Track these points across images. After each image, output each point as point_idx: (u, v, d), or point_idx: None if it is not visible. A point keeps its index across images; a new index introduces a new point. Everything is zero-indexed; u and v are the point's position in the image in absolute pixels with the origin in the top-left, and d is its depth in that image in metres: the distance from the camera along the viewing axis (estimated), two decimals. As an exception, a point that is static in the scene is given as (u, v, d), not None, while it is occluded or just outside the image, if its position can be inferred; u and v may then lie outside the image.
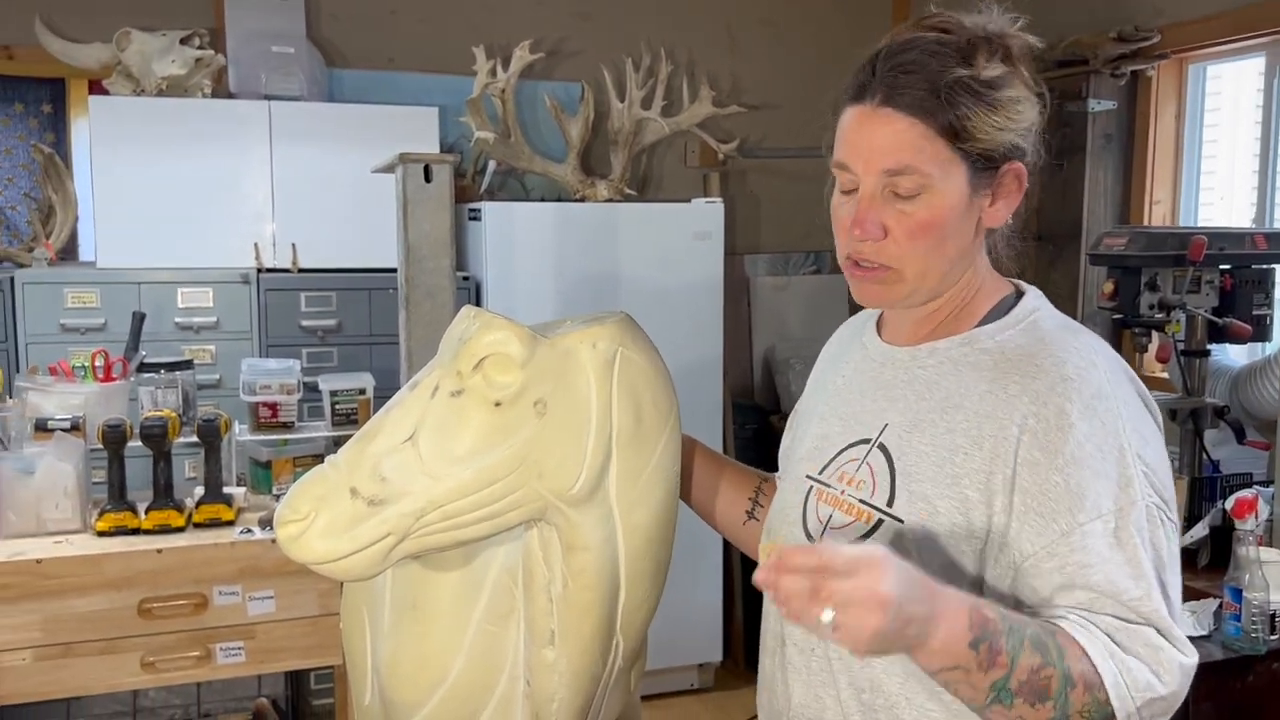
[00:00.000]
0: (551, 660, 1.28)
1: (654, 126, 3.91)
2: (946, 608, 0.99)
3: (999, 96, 1.11)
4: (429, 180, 2.32)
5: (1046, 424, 1.07)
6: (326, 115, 3.58)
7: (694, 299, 3.78)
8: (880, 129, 1.11)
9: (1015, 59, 1.13)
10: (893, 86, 1.10)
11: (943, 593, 1.00)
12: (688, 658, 3.90)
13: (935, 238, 1.12)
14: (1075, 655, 1.01)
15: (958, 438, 1.11)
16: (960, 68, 1.10)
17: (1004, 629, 1.00)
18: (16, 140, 3.67)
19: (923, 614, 0.96)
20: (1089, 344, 1.14)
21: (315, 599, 2.31)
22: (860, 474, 1.17)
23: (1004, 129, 1.11)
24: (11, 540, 2.22)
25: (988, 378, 1.12)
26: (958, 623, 0.98)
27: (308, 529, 1.13)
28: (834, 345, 1.41)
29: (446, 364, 1.20)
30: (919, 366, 1.19)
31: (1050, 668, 1.00)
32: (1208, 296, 2.72)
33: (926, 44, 1.12)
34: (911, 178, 1.10)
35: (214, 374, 3.34)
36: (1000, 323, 1.17)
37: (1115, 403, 1.08)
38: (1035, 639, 1.01)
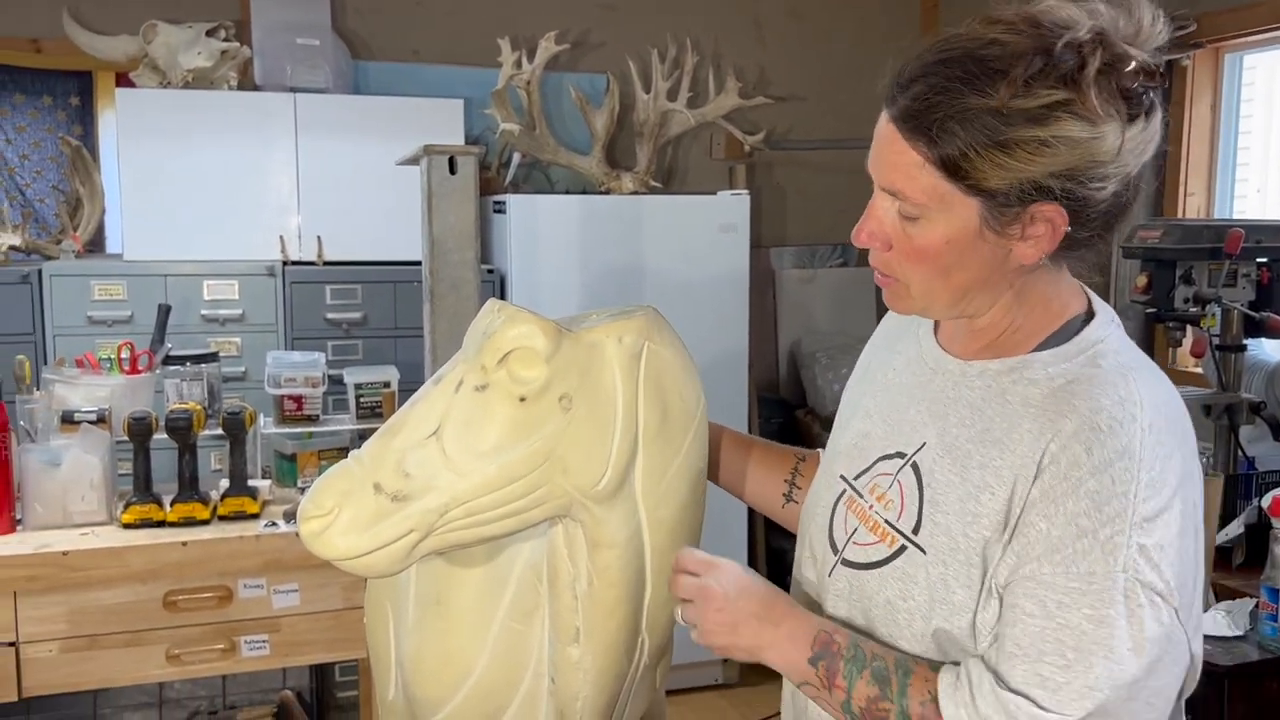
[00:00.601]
0: (576, 658, 1.27)
1: (679, 118, 3.89)
2: (791, 622, 1.09)
3: (1018, 135, 0.97)
4: (454, 172, 2.31)
5: (1058, 469, 1.00)
6: (352, 107, 3.58)
7: (719, 292, 3.76)
8: (886, 145, 1.05)
9: (1084, 80, 0.97)
10: (905, 106, 1.03)
11: (792, 609, 1.11)
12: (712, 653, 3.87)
13: (934, 266, 1.06)
14: (920, 698, 1.02)
15: (988, 475, 1.05)
16: (979, 95, 0.97)
17: (847, 655, 1.06)
18: (45, 133, 3.69)
19: (758, 618, 1.09)
20: (1140, 392, 1.02)
21: (339, 592, 2.30)
22: (891, 492, 1.13)
23: (1017, 172, 0.98)
24: (38, 532, 2.23)
25: (1033, 414, 1.04)
26: (799, 636, 1.08)
27: (331, 525, 1.12)
28: (891, 326, 1.33)
29: (471, 358, 1.18)
30: (967, 386, 1.12)
31: (888, 702, 1.04)
32: (1244, 290, 2.68)
33: (965, 52, 1.00)
34: (908, 204, 1.04)
35: (239, 366, 3.35)
36: (1059, 350, 1.08)
37: (1141, 468, 0.98)
38: (878, 672, 1.05)
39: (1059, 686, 0.96)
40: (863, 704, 1.05)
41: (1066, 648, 0.96)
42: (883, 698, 1.04)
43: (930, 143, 1.00)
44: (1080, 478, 0.98)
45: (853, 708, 1.06)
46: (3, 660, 2.13)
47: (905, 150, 1.02)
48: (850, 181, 4.62)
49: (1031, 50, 0.97)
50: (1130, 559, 0.96)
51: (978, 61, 0.99)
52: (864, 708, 1.05)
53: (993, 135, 0.98)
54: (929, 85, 1.00)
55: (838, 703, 1.07)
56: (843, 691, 1.06)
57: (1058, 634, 0.97)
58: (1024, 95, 0.97)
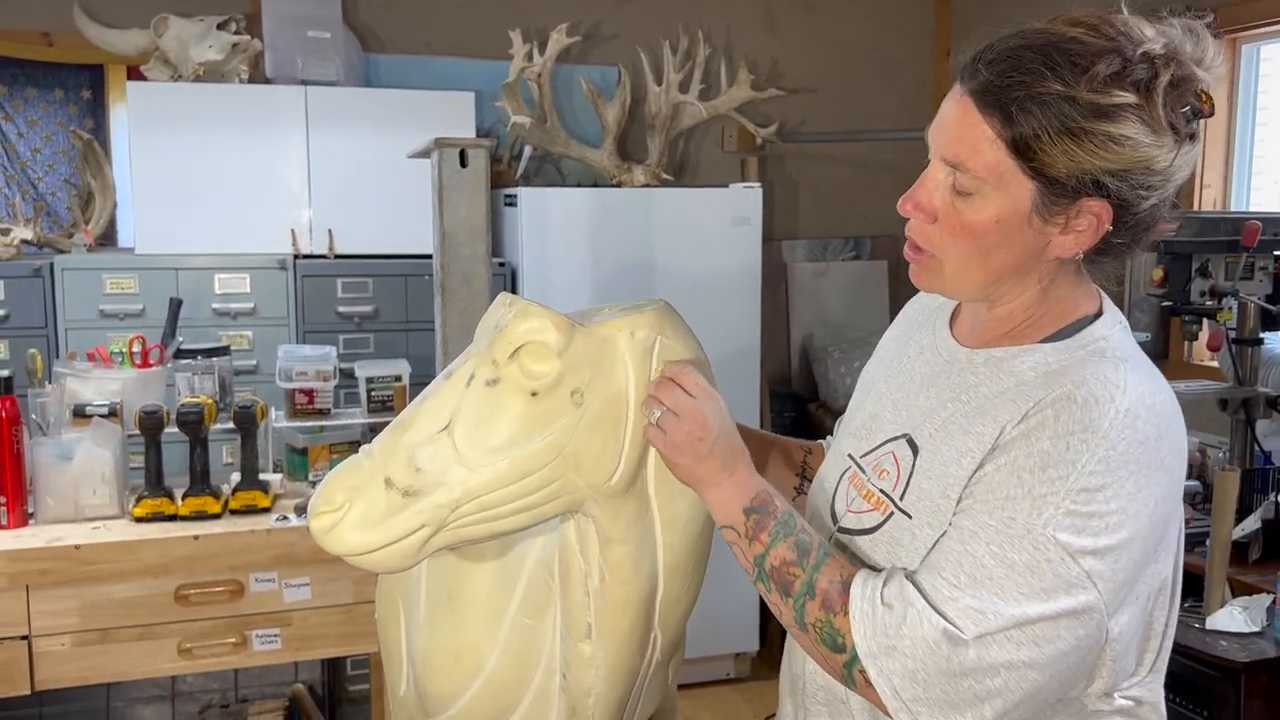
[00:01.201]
0: (589, 654, 1.26)
1: (691, 110, 3.87)
2: (744, 472, 1.16)
3: (1090, 127, 1.01)
4: (464, 165, 2.30)
5: (1025, 428, 1.05)
6: (363, 100, 3.57)
7: (731, 285, 3.74)
8: (955, 115, 1.08)
9: (1156, 90, 1.02)
10: (985, 81, 1.05)
11: (749, 466, 1.17)
12: (724, 647, 3.88)
13: (976, 245, 1.09)
14: (830, 577, 1.08)
15: (970, 441, 1.10)
16: (1060, 82, 1.01)
17: (779, 518, 1.13)
18: (56, 126, 3.70)
19: (721, 461, 1.14)
20: (1127, 379, 1.05)
21: (350, 587, 2.30)
22: (886, 463, 1.19)
23: (1081, 162, 1.02)
24: (50, 526, 2.23)
25: (1023, 392, 1.09)
26: (745, 487, 1.15)
27: (341, 520, 1.11)
28: (912, 314, 1.37)
29: (482, 352, 1.17)
30: (972, 372, 1.16)
31: (798, 569, 1.10)
32: (1261, 283, 2.66)
33: (1052, 42, 1.04)
34: (965, 176, 1.07)
35: (251, 360, 3.35)
36: (1062, 344, 1.12)
37: (1096, 443, 1.01)
38: (800, 542, 1.11)
39: (942, 599, 1.02)
40: (776, 563, 1.11)
41: (962, 572, 1.02)
42: (797, 564, 1.10)
43: (1005, 119, 1.03)
44: (1039, 438, 1.03)
45: (765, 564, 1.12)
46: (15, 654, 2.13)
47: (978, 123, 1.05)
48: (863, 174, 4.61)
49: (1110, 52, 1.02)
50: (1053, 517, 1.00)
51: (1061, 52, 1.03)
52: (775, 567, 1.11)
53: (1066, 122, 1.01)
54: (1011, 65, 1.03)
55: (753, 554, 1.13)
56: (763, 546, 1.12)
57: (959, 558, 1.03)
58: (1100, 92, 1.01)
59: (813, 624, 1.08)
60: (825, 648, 1.08)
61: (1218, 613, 2.38)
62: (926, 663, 1.01)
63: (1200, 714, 2.35)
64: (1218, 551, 2.40)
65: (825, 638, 1.08)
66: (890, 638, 1.03)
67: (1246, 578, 2.52)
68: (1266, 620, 2.36)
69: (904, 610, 1.03)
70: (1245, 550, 2.60)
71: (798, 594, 1.09)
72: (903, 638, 1.02)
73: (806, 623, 1.09)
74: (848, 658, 1.06)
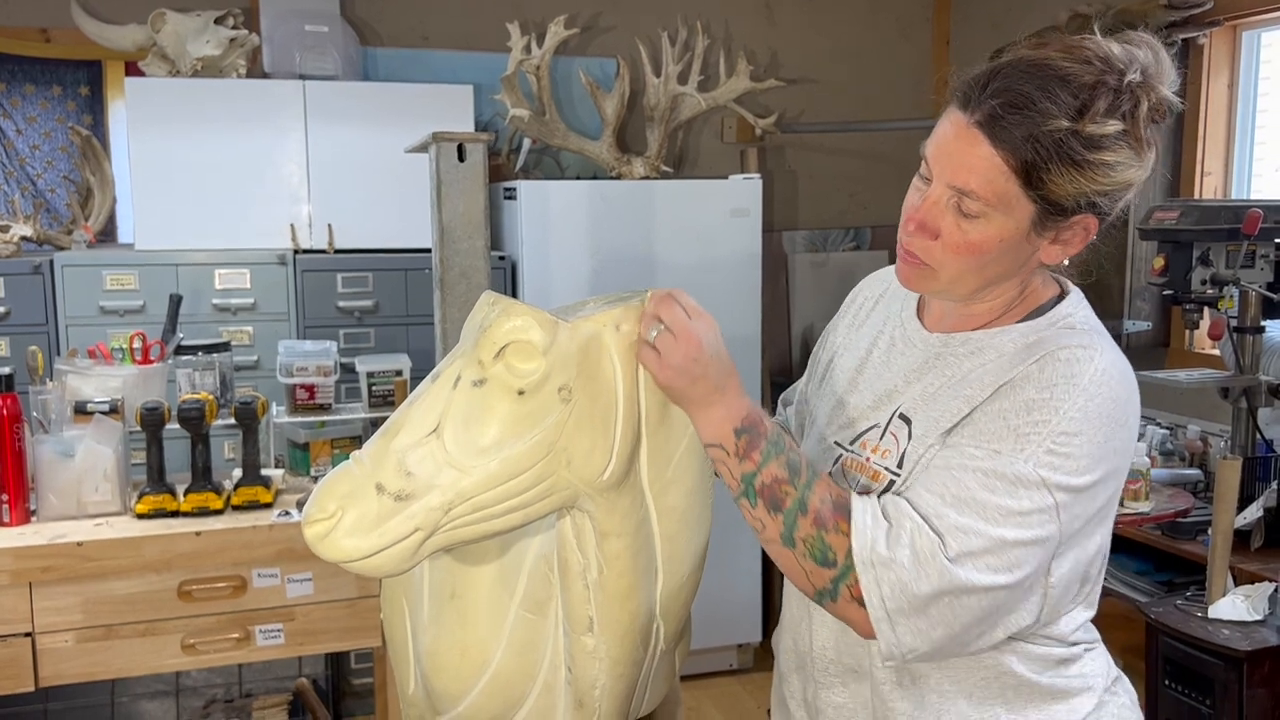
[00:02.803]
0: (592, 647, 1.27)
1: (690, 102, 3.86)
2: (735, 392, 1.18)
3: (1092, 158, 1.12)
4: (463, 159, 2.29)
5: (1013, 382, 1.16)
6: (361, 94, 3.56)
7: (731, 276, 3.74)
8: (966, 147, 1.14)
9: (1139, 117, 1.13)
10: (993, 114, 1.12)
11: (739, 387, 1.19)
12: (727, 638, 3.88)
13: (978, 260, 1.18)
14: (822, 495, 1.14)
15: (959, 403, 1.20)
16: (1067, 119, 1.10)
17: (770, 437, 1.17)
18: (55, 123, 3.69)
19: (714, 382, 1.16)
20: (1102, 345, 1.18)
21: (353, 581, 2.30)
22: (885, 442, 1.25)
23: (1082, 187, 1.13)
24: (52, 523, 2.24)
25: (1005, 362, 1.20)
26: (736, 407, 1.17)
27: (335, 527, 1.11)
28: (868, 302, 1.46)
29: (468, 353, 1.17)
30: (950, 353, 1.26)
31: (790, 487, 1.15)
32: (1262, 271, 2.65)
33: (1049, 75, 1.12)
34: (976, 202, 1.14)
35: (251, 356, 3.35)
36: (1034, 323, 1.23)
37: (1080, 394, 1.13)
38: (791, 461, 1.16)
39: (934, 514, 1.11)
40: (767, 480, 1.15)
41: (948, 493, 1.12)
42: (789, 482, 1.15)
43: (1017, 153, 1.12)
44: (1024, 387, 1.15)
45: (756, 481, 1.16)
46: (19, 650, 2.14)
47: (990, 155, 1.13)
48: (862, 164, 4.60)
49: (1101, 85, 1.11)
50: (1034, 454, 1.11)
51: (1061, 85, 1.11)
52: (767, 484, 1.15)
53: (1072, 154, 1.11)
54: (1019, 97, 1.11)
55: (742, 472, 1.17)
56: (754, 465, 1.16)
57: (946, 482, 1.13)
58: (1098, 124, 1.11)
59: (803, 539, 1.14)
60: (813, 562, 1.14)
61: (1220, 601, 2.39)
62: (918, 574, 1.09)
63: (1203, 703, 2.35)
64: (1220, 540, 2.39)
65: (815, 553, 1.14)
66: (890, 549, 1.10)
67: (1249, 566, 2.52)
68: (1268, 608, 2.36)
69: (902, 522, 1.11)
70: (1247, 539, 2.60)
71: (789, 510, 1.15)
72: (901, 547, 1.09)
73: (795, 537, 1.14)
74: (836, 572, 1.13)
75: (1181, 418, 3.33)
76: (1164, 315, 3.48)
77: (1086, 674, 1.26)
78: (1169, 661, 2.42)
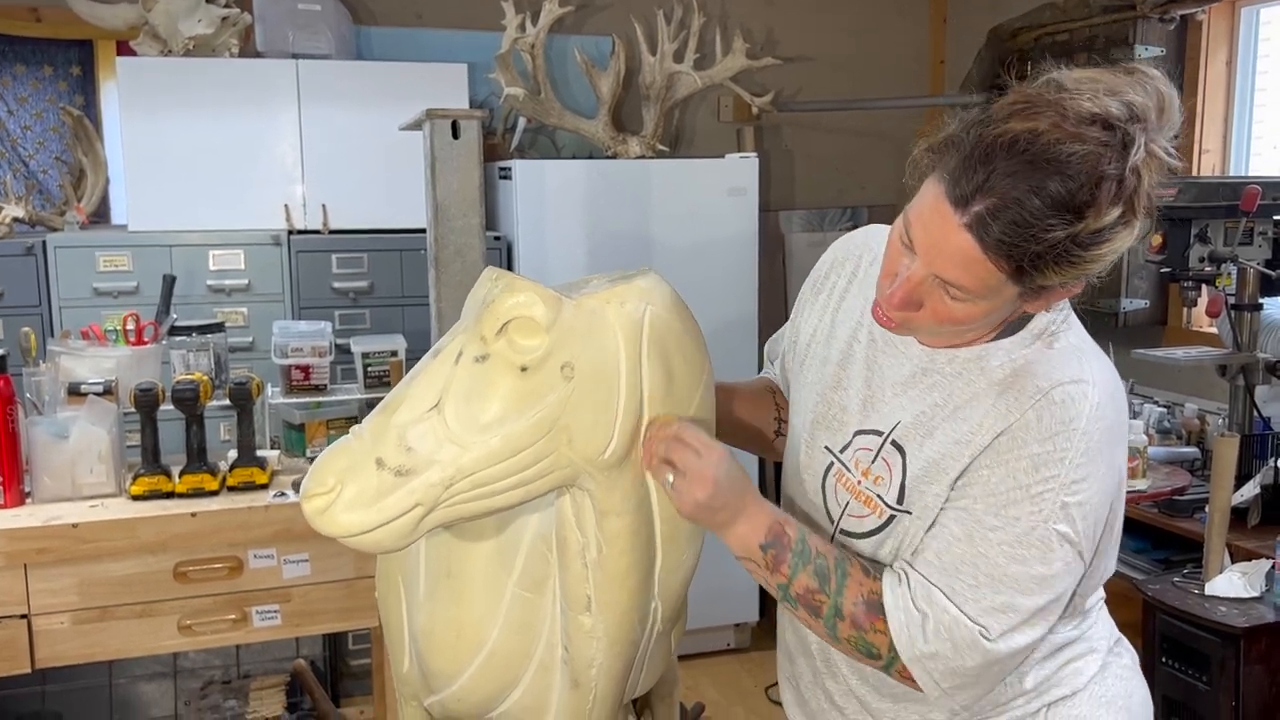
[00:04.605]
0: (589, 626, 1.26)
1: (686, 80, 3.84)
2: (754, 510, 1.22)
3: (1090, 254, 1.06)
4: (457, 137, 2.28)
5: (1012, 431, 1.15)
6: (354, 74, 3.54)
7: (728, 256, 3.73)
8: (955, 246, 1.08)
9: (1139, 197, 1.05)
10: (983, 220, 1.05)
11: (757, 500, 1.23)
12: (724, 618, 3.89)
13: (963, 328, 1.17)
14: (854, 599, 1.19)
15: (962, 448, 1.19)
16: (1064, 226, 1.03)
17: (795, 549, 1.21)
18: (47, 103, 3.67)
19: (733, 508, 1.21)
20: (1092, 372, 1.17)
21: (350, 562, 2.30)
22: (877, 468, 1.26)
23: (1072, 274, 1.08)
24: (47, 504, 2.23)
25: (996, 392, 1.18)
26: (757, 525, 1.22)
27: (334, 502, 1.10)
28: (850, 284, 1.39)
29: (470, 329, 1.16)
30: (938, 372, 1.24)
31: (823, 595, 1.20)
32: (1260, 249, 2.65)
33: (1044, 168, 1.02)
34: (962, 291, 1.11)
35: (246, 336, 3.34)
36: (1016, 339, 1.21)
37: (1080, 438, 1.13)
38: (820, 569, 1.21)
39: (966, 600, 1.14)
40: (800, 591, 1.21)
41: (979, 572, 1.15)
42: (820, 591, 1.20)
43: (1009, 258, 1.06)
44: (1027, 440, 1.14)
45: (790, 590, 1.22)
46: (15, 632, 2.13)
47: (978, 260, 1.07)
48: (859, 143, 4.58)
49: (1101, 175, 1.02)
50: (1052, 512, 1.13)
51: (1060, 180, 1.02)
52: (800, 594, 1.21)
53: (1069, 257, 1.06)
54: (1012, 204, 1.03)
55: (776, 583, 1.22)
56: (785, 577, 1.21)
57: (974, 559, 1.15)
58: (1098, 219, 1.04)
59: (846, 639, 1.21)
60: (860, 654, 1.22)
61: (1217, 578, 2.39)
62: (964, 659, 1.15)
63: (1199, 679, 2.35)
64: (1217, 517, 2.40)
65: (860, 649, 1.21)
66: (930, 644, 1.16)
67: (1246, 543, 2.52)
68: (1265, 585, 2.36)
69: (938, 616, 1.15)
70: (1244, 516, 2.60)
71: (827, 616, 1.21)
72: (942, 642, 1.15)
73: (840, 637, 1.21)
74: (884, 662, 1.20)
75: (1179, 395, 3.33)
76: (1162, 293, 3.47)
77: (1090, 637, 1.31)
78: (1166, 639, 2.43)
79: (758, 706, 3.56)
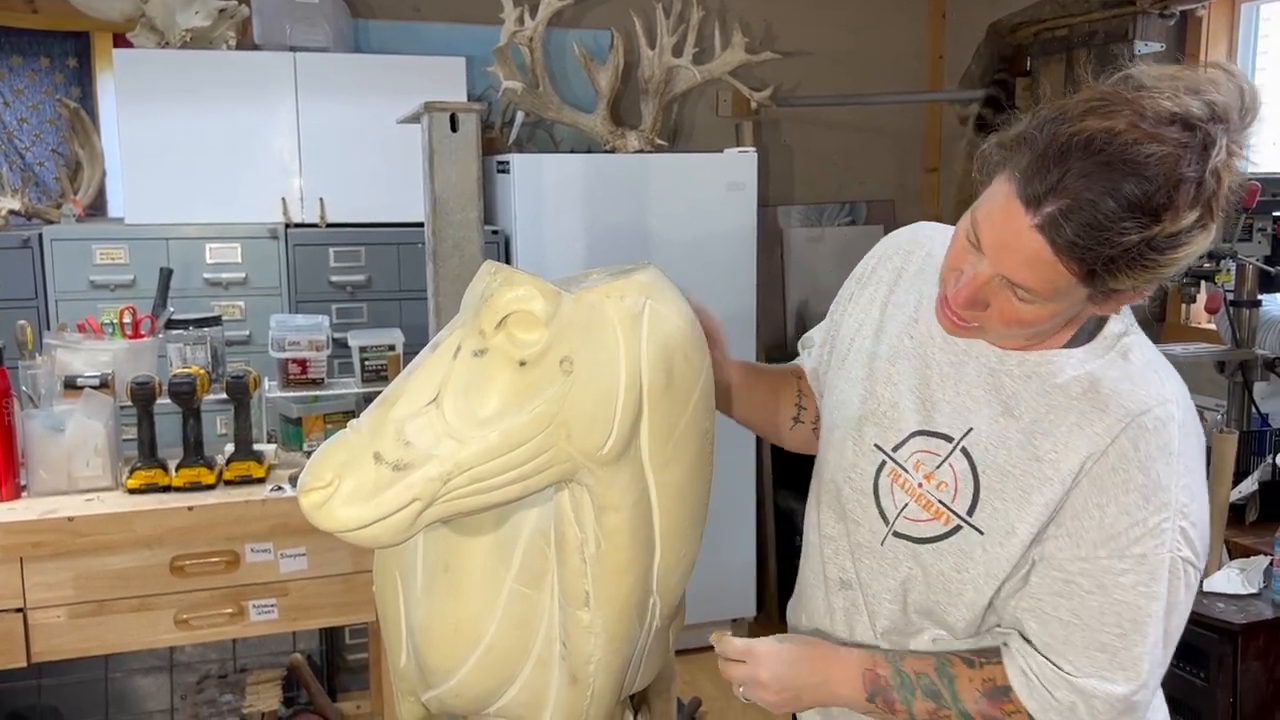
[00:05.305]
0: (587, 622, 1.26)
1: (685, 75, 3.83)
2: (841, 673, 1.25)
3: (1166, 258, 1.03)
4: (455, 130, 2.27)
5: (1109, 461, 1.11)
6: (352, 67, 3.52)
7: (726, 251, 3.72)
8: (1025, 247, 1.05)
9: (1218, 201, 1.03)
10: (1055, 222, 1.02)
11: (838, 662, 1.26)
12: (721, 613, 3.88)
13: (1031, 330, 1.14)
14: (974, 698, 1.19)
15: (1045, 468, 1.14)
16: (1143, 229, 1.00)
17: (895, 683, 1.22)
18: (43, 95, 3.65)
19: (815, 682, 1.25)
20: (1171, 389, 1.15)
21: (348, 556, 2.29)
22: (942, 474, 1.21)
23: (1145, 279, 1.06)
24: (43, 498, 2.22)
25: (1078, 409, 1.14)
26: (851, 684, 1.24)
27: (331, 496, 1.10)
28: (899, 278, 1.35)
29: (468, 323, 1.15)
30: (1006, 375, 1.19)
31: (946, 710, 1.21)
32: (1259, 245, 2.64)
33: (1120, 170, 0.99)
34: (1030, 294, 1.08)
35: (243, 330, 3.33)
36: (1089, 348, 1.17)
37: (1178, 461, 1.12)
38: (927, 689, 1.21)
39: (1117, 652, 1.12)
40: (924, 716, 1.22)
41: (1124, 619, 1.12)
42: (940, 708, 1.21)
43: (1081, 262, 1.03)
44: (1129, 472, 1.11)
45: (917, 719, 1.23)
46: (11, 626, 2.13)
47: (1049, 263, 1.04)
48: (859, 139, 4.57)
49: (1179, 178, 1.00)
50: (1174, 540, 1.11)
51: (1137, 181, 0.99)
52: (925, 718, 1.22)
53: (1143, 261, 1.03)
54: (1086, 205, 1.00)
55: (904, 718, 1.24)
56: (905, 714, 1.23)
57: (1115, 608, 1.12)
58: (1175, 223, 1.01)
59: None
60: None
61: (1215, 575, 2.39)
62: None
63: (1197, 676, 2.35)
64: (1215, 514, 2.39)
65: None
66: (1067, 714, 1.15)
67: (1244, 540, 2.52)
68: (1264, 582, 2.36)
69: (1087, 702, 1.14)
70: (1243, 512, 2.60)
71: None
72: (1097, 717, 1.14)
73: None
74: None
75: (1177, 392, 3.33)
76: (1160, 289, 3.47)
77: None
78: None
79: (755, 702, 3.56)
